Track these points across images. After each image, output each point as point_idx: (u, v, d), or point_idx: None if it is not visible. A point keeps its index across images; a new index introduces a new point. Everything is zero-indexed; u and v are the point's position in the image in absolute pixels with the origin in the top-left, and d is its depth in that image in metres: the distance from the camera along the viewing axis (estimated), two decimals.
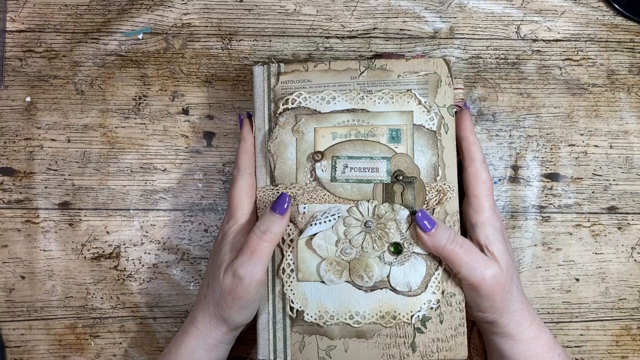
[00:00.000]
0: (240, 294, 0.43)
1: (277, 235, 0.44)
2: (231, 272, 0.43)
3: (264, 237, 0.43)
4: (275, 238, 0.43)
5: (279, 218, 0.43)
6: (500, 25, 0.55)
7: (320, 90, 0.47)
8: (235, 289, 0.43)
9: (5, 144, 0.54)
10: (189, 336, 0.46)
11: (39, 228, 0.54)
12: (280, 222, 0.43)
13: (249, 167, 0.47)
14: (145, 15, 0.55)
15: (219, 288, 0.44)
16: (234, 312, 0.44)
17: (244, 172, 0.47)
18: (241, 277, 0.42)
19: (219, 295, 0.44)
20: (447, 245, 0.43)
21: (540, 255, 0.54)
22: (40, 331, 0.54)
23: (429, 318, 0.45)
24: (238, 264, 0.43)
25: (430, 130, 0.46)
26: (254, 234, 0.43)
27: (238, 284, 0.43)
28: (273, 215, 0.43)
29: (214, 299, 0.44)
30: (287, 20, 0.55)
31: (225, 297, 0.43)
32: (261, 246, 0.43)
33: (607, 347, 0.54)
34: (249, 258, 0.43)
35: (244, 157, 0.47)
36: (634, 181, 0.54)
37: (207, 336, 0.45)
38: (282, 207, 0.43)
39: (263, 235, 0.43)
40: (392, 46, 0.55)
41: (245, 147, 0.47)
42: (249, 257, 0.43)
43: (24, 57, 0.55)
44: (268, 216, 0.44)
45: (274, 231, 0.43)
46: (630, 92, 0.55)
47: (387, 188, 0.46)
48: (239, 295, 0.43)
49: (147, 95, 0.55)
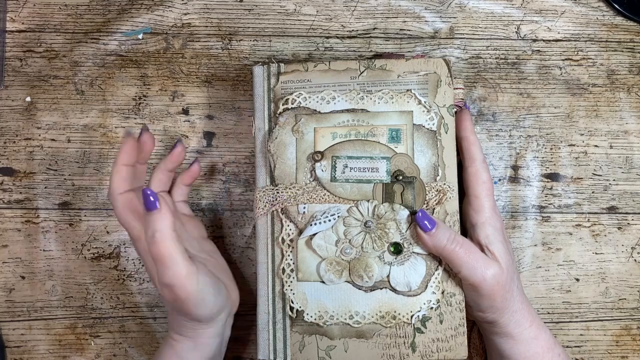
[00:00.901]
0: (183, 296, 0.41)
1: (168, 229, 0.40)
2: (161, 285, 0.41)
3: (155, 239, 0.40)
4: (167, 233, 0.40)
5: (156, 213, 0.40)
6: (500, 25, 0.55)
7: (320, 90, 0.47)
8: (177, 296, 0.41)
9: (5, 144, 0.54)
10: (175, 341, 0.45)
11: (39, 228, 0.54)
12: (160, 217, 0.40)
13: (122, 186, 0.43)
14: (145, 15, 0.55)
15: (167, 302, 0.43)
16: (195, 310, 0.43)
17: (116, 192, 0.43)
18: (171, 285, 0.41)
19: (173, 307, 0.43)
20: (448, 245, 0.43)
21: (540, 255, 0.54)
22: (40, 331, 0.54)
23: (429, 318, 0.45)
24: (160, 277, 0.41)
25: (430, 130, 0.46)
26: (148, 243, 0.40)
27: (174, 290, 0.41)
28: (150, 215, 0.40)
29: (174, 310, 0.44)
30: (287, 20, 0.55)
31: (177, 306, 0.42)
32: (160, 248, 0.40)
33: (607, 347, 0.54)
34: (161, 265, 0.40)
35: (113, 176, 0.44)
36: (634, 181, 0.54)
37: (193, 339, 0.45)
38: (150, 203, 0.40)
39: (153, 239, 0.40)
40: (392, 46, 0.55)
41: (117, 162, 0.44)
42: (160, 265, 0.40)
43: (24, 57, 0.55)
44: (147, 219, 0.40)
45: (160, 229, 0.40)
46: (630, 92, 0.55)
47: (387, 188, 0.46)
48: (183, 299, 0.42)
49: (147, 95, 0.55)
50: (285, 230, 0.46)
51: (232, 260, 0.54)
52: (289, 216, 0.46)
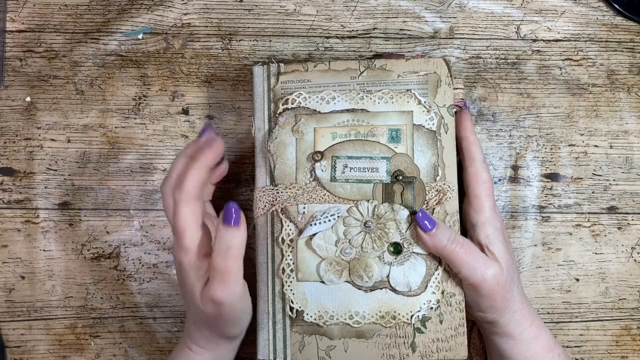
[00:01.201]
0: (227, 315, 0.41)
1: (241, 248, 0.39)
2: (208, 300, 0.40)
3: (228, 255, 0.39)
4: (239, 252, 0.39)
5: (236, 230, 0.39)
6: (500, 25, 0.55)
7: (320, 90, 0.47)
8: (220, 314, 0.41)
9: (5, 144, 0.54)
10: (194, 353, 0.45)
11: (39, 228, 0.54)
12: (238, 233, 0.39)
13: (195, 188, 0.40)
14: (145, 15, 0.55)
15: (203, 316, 0.42)
16: (229, 329, 0.43)
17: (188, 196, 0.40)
18: (221, 302, 0.40)
19: (207, 321, 0.43)
20: (448, 245, 0.43)
21: (540, 255, 0.54)
22: (40, 331, 0.54)
23: (429, 318, 0.45)
24: (213, 291, 0.39)
25: (430, 130, 0.46)
26: (217, 255, 0.39)
27: (221, 307, 0.40)
28: (227, 229, 0.39)
29: (206, 325, 0.43)
30: (287, 20, 0.55)
31: (213, 322, 0.42)
32: (228, 265, 0.39)
33: (607, 347, 0.54)
34: (221, 281, 0.39)
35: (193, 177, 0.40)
36: (634, 181, 0.54)
37: (212, 351, 0.45)
38: (232, 218, 0.39)
39: (226, 254, 0.39)
40: (392, 46, 0.55)
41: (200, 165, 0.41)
42: (220, 280, 0.39)
43: (24, 57, 0.55)
44: (223, 232, 0.39)
45: (235, 245, 0.39)
46: (630, 92, 0.55)
47: (387, 188, 0.46)
48: (225, 317, 0.41)
49: (147, 95, 0.55)
50: (285, 230, 0.46)
51: None
52: (288, 216, 0.46)
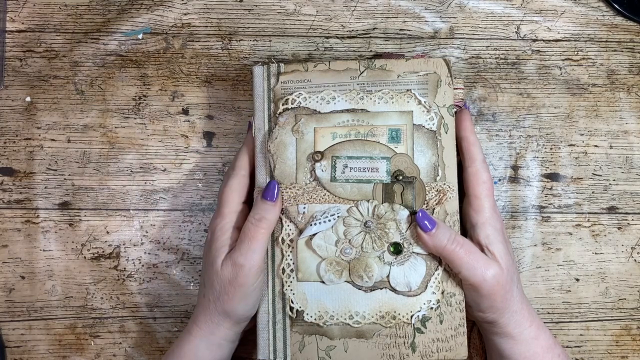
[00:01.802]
0: (242, 281, 0.44)
1: (272, 222, 0.45)
2: (230, 262, 0.44)
3: (260, 224, 0.44)
4: (270, 225, 0.45)
5: (271, 205, 0.45)
6: (500, 25, 0.55)
7: (320, 90, 0.47)
8: (236, 278, 0.44)
9: (5, 144, 0.54)
10: (192, 336, 0.46)
11: (39, 228, 0.54)
12: (273, 209, 0.45)
13: (244, 168, 0.47)
14: (145, 15, 0.55)
15: (218, 281, 0.44)
16: (236, 303, 0.44)
17: (239, 171, 0.47)
18: (241, 265, 0.43)
19: (218, 289, 0.44)
20: (448, 246, 0.43)
21: (540, 255, 0.54)
22: (40, 331, 0.54)
23: (429, 318, 0.45)
24: (237, 254, 0.44)
25: (430, 130, 0.46)
26: (249, 222, 0.44)
27: (239, 271, 0.43)
28: (265, 203, 0.45)
29: (214, 295, 0.45)
30: (287, 20, 0.55)
31: (226, 288, 0.44)
32: (259, 233, 0.44)
33: (607, 347, 0.54)
34: (248, 245, 0.44)
35: (243, 158, 0.48)
36: (634, 181, 0.54)
37: (210, 334, 0.45)
38: (272, 193, 0.45)
39: (259, 222, 0.44)
40: (392, 46, 0.55)
41: (247, 150, 0.48)
42: (247, 244, 0.44)
43: (24, 57, 0.55)
44: (260, 204, 0.45)
45: (268, 218, 0.44)
46: (630, 92, 0.55)
47: (387, 188, 0.46)
48: (240, 283, 0.44)
49: (147, 95, 0.55)
50: (285, 230, 0.46)
51: None
52: (289, 216, 0.46)
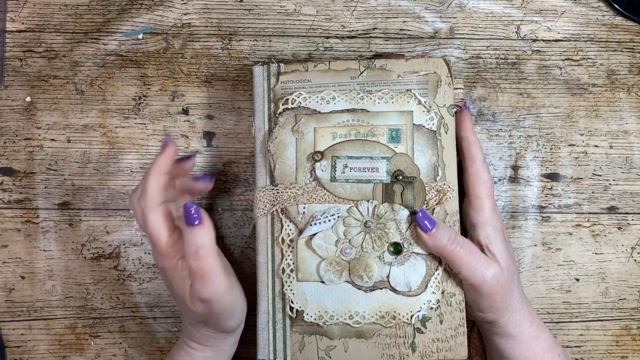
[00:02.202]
0: (219, 311, 0.42)
1: (211, 244, 0.40)
2: (196, 299, 0.41)
3: (199, 255, 0.39)
4: (210, 248, 0.40)
5: (200, 228, 0.39)
6: (500, 25, 0.55)
7: (320, 90, 0.47)
8: (211, 310, 0.41)
9: (5, 144, 0.54)
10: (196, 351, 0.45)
11: (39, 228, 0.54)
12: (203, 232, 0.39)
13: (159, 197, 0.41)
14: (145, 15, 0.55)
15: (196, 315, 0.43)
16: (225, 323, 0.44)
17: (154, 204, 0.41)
18: (208, 299, 0.40)
19: (201, 320, 0.43)
20: (448, 246, 0.43)
21: (540, 255, 0.54)
22: (40, 331, 0.54)
23: (429, 318, 0.45)
24: (197, 291, 0.40)
25: (430, 130, 0.46)
26: (189, 258, 0.39)
27: (210, 305, 0.41)
28: (192, 230, 0.39)
29: (200, 322, 0.44)
30: (287, 20, 0.55)
31: (207, 319, 0.43)
32: (203, 264, 0.39)
33: (607, 347, 0.54)
34: (201, 280, 0.40)
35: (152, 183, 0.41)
36: (634, 181, 0.54)
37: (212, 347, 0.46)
38: (193, 217, 0.39)
39: (196, 254, 0.39)
40: (392, 46, 0.55)
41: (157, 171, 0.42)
42: (200, 279, 0.40)
43: (24, 57, 0.55)
44: (188, 234, 0.39)
45: (204, 244, 0.39)
46: (630, 92, 0.55)
47: (387, 188, 0.46)
48: (217, 312, 0.42)
49: (147, 95, 0.55)
50: (285, 230, 0.46)
51: (232, 261, 0.54)
52: (289, 216, 0.46)
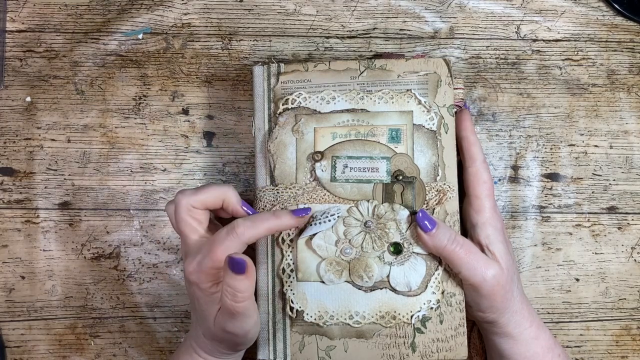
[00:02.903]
0: (241, 341, 0.43)
1: (248, 291, 0.40)
2: (220, 328, 0.42)
3: (236, 298, 0.40)
4: (247, 295, 0.40)
5: (243, 277, 0.39)
6: (500, 25, 0.55)
7: (320, 90, 0.47)
8: (234, 339, 0.42)
9: (5, 144, 0.54)
10: None
11: (39, 228, 0.54)
12: (245, 281, 0.39)
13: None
14: (145, 15, 0.55)
15: (215, 336, 0.43)
16: (240, 347, 0.44)
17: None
18: (234, 333, 0.42)
19: (218, 339, 0.43)
20: (448, 246, 0.43)
21: (540, 255, 0.54)
22: (40, 331, 0.54)
23: (429, 318, 0.45)
24: (223, 323, 0.41)
25: (430, 130, 0.46)
26: (225, 295, 0.40)
27: (233, 336, 0.42)
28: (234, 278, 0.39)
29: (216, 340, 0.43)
30: (287, 20, 0.55)
31: (225, 341, 0.43)
32: (238, 307, 0.40)
33: (607, 347, 0.54)
34: (231, 318, 0.41)
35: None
36: (634, 181, 0.54)
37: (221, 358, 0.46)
38: (238, 268, 0.39)
39: (234, 297, 0.40)
40: (392, 46, 0.55)
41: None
42: (230, 317, 0.41)
43: (24, 57, 0.55)
44: (230, 278, 0.39)
45: (242, 290, 0.39)
46: (630, 92, 0.55)
47: (387, 188, 0.46)
48: (236, 342, 0.43)
49: (147, 95, 0.55)
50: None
51: None
52: None
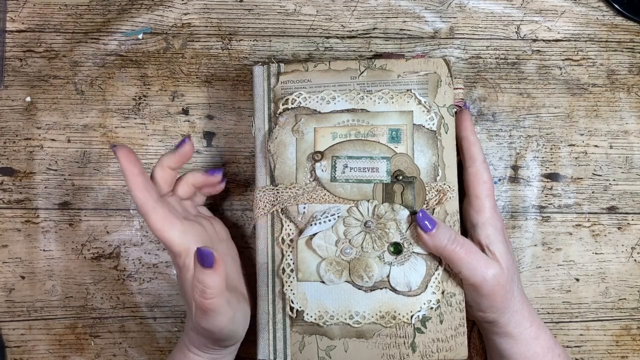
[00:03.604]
0: (221, 337, 0.42)
1: (219, 286, 0.39)
2: (197, 323, 0.41)
3: (205, 294, 0.39)
4: (217, 290, 0.39)
5: (211, 272, 0.38)
6: (500, 25, 0.55)
7: (320, 90, 0.47)
8: (213, 336, 0.42)
9: (5, 144, 0.54)
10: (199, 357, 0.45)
11: (39, 228, 0.54)
12: (214, 276, 0.39)
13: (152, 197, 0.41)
14: (145, 15, 0.55)
15: (198, 332, 0.43)
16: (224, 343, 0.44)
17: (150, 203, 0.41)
18: (210, 330, 0.41)
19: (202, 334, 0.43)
20: (448, 246, 0.43)
21: (540, 255, 0.54)
22: (40, 331, 0.54)
23: (429, 318, 0.45)
24: (197, 318, 0.41)
25: (430, 130, 0.46)
26: (195, 292, 0.39)
27: (209, 332, 0.42)
28: (203, 272, 0.38)
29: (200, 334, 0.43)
30: (287, 20, 0.55)
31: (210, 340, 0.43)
32: (207, 304, 0.39)
33: (607, 347, 0.54)
34: (203, 315, 0.40)
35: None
36: (634, 181, 0.54)
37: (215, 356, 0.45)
38: (206, 262, 0.38)
39: (203, 293, 0.39)
40: (392, 46, 0.55)
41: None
42: (203, 314, 0.40)
43: (24, 57, 0.55)
44: (199, 272, 0.39)
45: (212, 286, 0.39)
46: (630, 92, 0.55)
47: (387, 188, 0.46)
48: (219, 338, 0.42)
49: (147, 95, 0.55)
50: (285, 230, 0.46)
51: None
52: (289, 216, 0.46)
